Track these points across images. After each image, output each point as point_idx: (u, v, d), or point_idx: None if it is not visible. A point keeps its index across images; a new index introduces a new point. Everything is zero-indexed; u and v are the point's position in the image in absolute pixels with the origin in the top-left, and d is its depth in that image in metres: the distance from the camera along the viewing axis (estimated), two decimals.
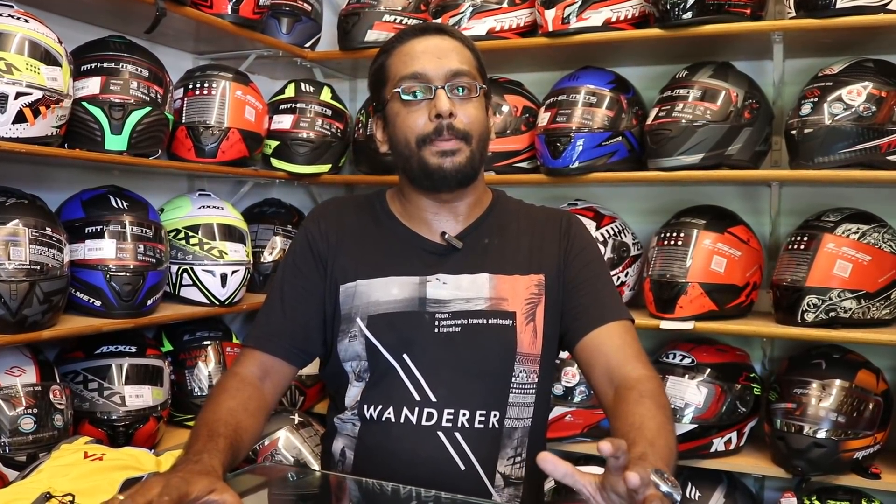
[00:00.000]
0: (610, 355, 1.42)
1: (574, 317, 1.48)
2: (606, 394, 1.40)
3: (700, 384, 2.40)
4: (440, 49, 1.45)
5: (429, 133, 1.41)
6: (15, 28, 1.83)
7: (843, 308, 2.24)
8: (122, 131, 2.10)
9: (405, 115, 1.44)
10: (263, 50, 2.78)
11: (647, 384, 1.35)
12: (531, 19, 2.68)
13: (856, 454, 2.24)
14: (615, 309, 1.48)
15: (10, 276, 1.80)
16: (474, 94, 1.44)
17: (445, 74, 1.42)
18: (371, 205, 1.58)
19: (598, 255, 1.57)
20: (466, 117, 1.43)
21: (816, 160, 2.25)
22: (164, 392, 2.26)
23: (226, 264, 2.43)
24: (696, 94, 2.40)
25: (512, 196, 1.64)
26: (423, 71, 1.43)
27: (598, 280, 1.51)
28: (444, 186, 1.45)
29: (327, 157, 2.83)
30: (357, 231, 1.54)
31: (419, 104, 1.43)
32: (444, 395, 1.44)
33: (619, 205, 2.77)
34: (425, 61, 1.43)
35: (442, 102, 1.40)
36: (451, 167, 1.42)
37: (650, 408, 1.28)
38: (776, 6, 2.59)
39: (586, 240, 1.56)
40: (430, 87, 1.42)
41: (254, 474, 1.45)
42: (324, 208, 1.61)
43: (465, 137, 1.42)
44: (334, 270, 1.50)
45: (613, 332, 1.44)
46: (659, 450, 1.18)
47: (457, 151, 1.42)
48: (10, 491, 1.56)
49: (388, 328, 1.46)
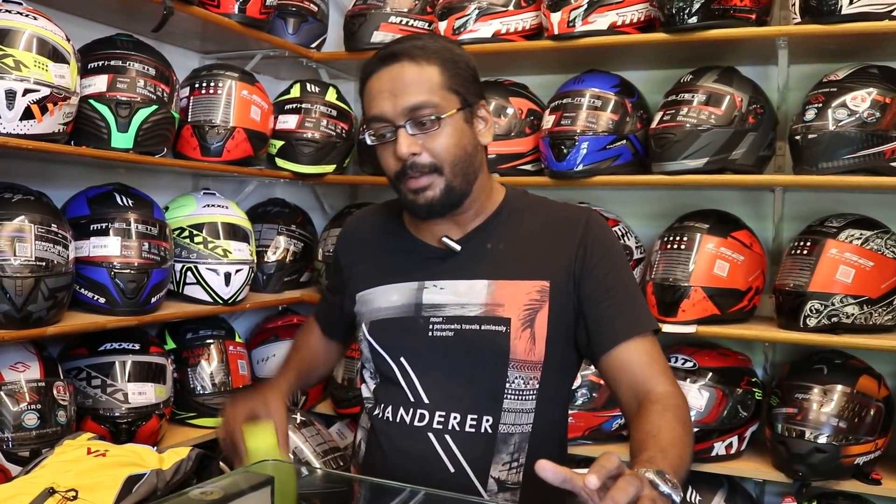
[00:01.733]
0: (636, 372, 1.40)
1: (598, 329, 1.44)
2: (631, 408, 1.39)
3: (702, 388, 2.40)
4: (396, 83, 1.40)
5: (398, 172, 1.41)
6: (24, 25, 1.84)
7: (846, 313, 2.24)
8: (128, 129, 2.11)
9: (380, 153, 1.44)
10: (269, 50, 2.79)
11: (672, 400, 1.35)
12: (537, 22, 2.69)
13: (857, 460, 2.24)
14: (641, 321, 1.45)
15: (15, 271, 1.81)
16: (436, 127, 1.39)
17: (402, 111, 1.38)
18: (389, 213, 1.62)
19: (620, 260, 1.52)
20: (434, 149, 1.39)
21: (820, 165, 2.25)
22: (167, 390, 2.27)
23: (230, 263, 2.44)
24: (701, 98, 2.40)
25: (532, 193, 1.61)
26: (380, 113, 1.40)
27: (622, 288, 1.46)
28: (429, 217, 1.47)
29: (332, 157, 2.83)
30: (371, 241, 1.60)
31: (387, 145, 1.42)
32: (437, 397, 1.45)
33: (622, 208, 2.78)
34: (382, 101, 1.40)
35: (400, 146, 1.38)
36: (424, 203, 1.42)
37: (670, 420, 1.29)
38: (781, 11, 2.59)
39: (606, 245, 1.50)
40: (390, 127, 1.40)
41: (256, 472, 1.46)
42: (348, 226, 1.71)
43: (436, 169, 1.40)
44: (350, 282, 1.60)
45: (640, 347, 1.42)
46: (670, 458, 1.18)
47: (428, 187, 1.41)
48: (14, 486, 1.56)
49: (385, 333, 1.51)
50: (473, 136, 1.45)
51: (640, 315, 1.46)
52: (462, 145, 1.42)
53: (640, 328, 1.43)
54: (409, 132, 1.38)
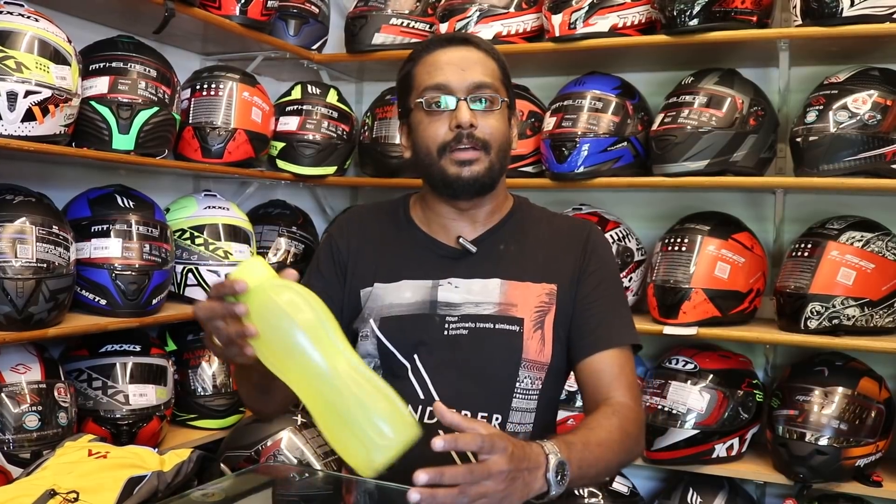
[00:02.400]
0: (603, 381, 1.46)
1: (580, 335, 1.50)
2: (588, 412, 1.46)
3: (702, 390, 2.40)
4: (465, 60, 1.47)
5: (449, 141, 1.44)
6: (25, 27, 1.84)
7: (847, 316, 2.24)
8: (129, 131, 2.11)
9: (427, 124, 1.46)
10: (271, 51, 2.79)
11: (625, 410, 1.40)
12: (538, 24, 2.69)
13: (857, 462, 2.24)
14: (621, 333, 1.50)
15: (16, 273, 1.81)
16: (496, 107, 1.47)
17: (468, 86, 1.45)
18: (395, 210, 1.62)
19: (612, 275, 1.58)
20: (487, 128, 1.45)
21: (821, 168, 2.25)
22: (168, 391, 2.27)
23: (230, 264, 2.44)
24: (702, 100, 2.40)
25: (536, 204, 1.65)
26: (446, 82, 1.45)
27: (608, 300, 1.52)
28: (463, 195, 1.48)
29: (333, 158, 2.83)
30: (378, 237, 1.58)
31: (441, 114, 1.45)
32: (448, 395, 1.45)
33: (623, 210, 2.78)
34: (449, 73, 1.45)
35: (462, 113, 1.43)
36: (469, 176, 1.45)
37: (613, 423, 1.35)
38: (782, 14, 2.59)
39: (604, 258, 1.57)
40: (452, 98, 1.45)
41: (257, 474, 1.46)
42: (350, 215, 1.67)
43: (485, 147, 1.45)
44: (354, 276, 1.55)
45: (614, 359, 1.47)
46: (590, 454, 1.25)
47: (475, 161, 1.45)
48: (15, 488, 1.57)
49: (399, 330, 1.49)
50: (511, 132, 1.54)
51: (620, 327, 1.52)
52: (507, 134, 1.51)
53: (618, 340, 1.49)
54: (469, 107, 1.44)
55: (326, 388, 1.03)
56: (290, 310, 1.04)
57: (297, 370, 1.04)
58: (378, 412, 1.03)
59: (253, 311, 1.06)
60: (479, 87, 1.45)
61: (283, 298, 1.05)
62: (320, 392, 1.04)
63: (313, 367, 1.03)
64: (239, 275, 1.08)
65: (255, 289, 1.06)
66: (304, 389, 1.05)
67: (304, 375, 1.04)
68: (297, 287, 1.08)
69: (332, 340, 1.05)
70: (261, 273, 1.08)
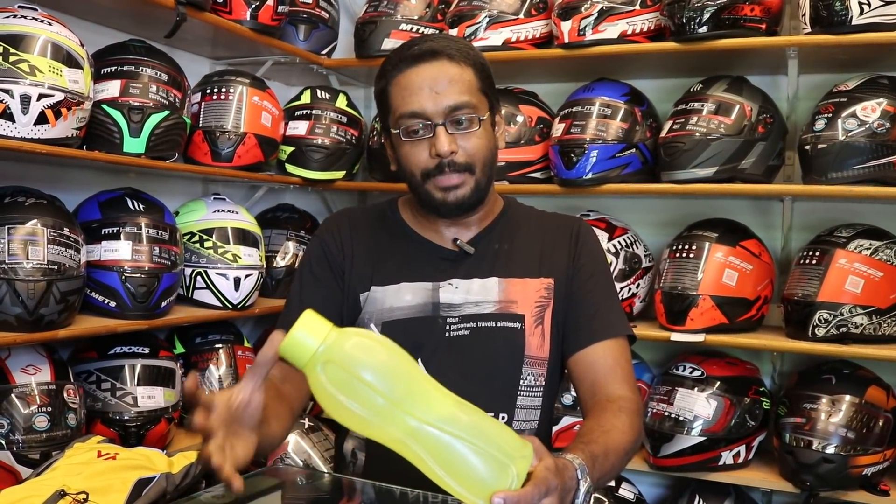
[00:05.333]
0: (599, 373, 1.45)
1: (573, 328, 1.49)
2: (587, 405, 1.45)
3: (709, 397, 2.40)
4: (437, 81, 1.41)
5: (431, 169, 1.42)
6: (38, 31, 1.86)
7: (854, 324, 2.24)
8: (140, 134, 2.13)
9: (408, 150, 1.43)
10: (280, 56, 2.80)
11: (628, 404, 1.39)
12: (547, 30, 2.70)
13: (865, 470, 2.23)
14: (614, 325, 1.50)
15: (27, 275, 1.83)
16: (475, 127, 1.42)
17: (444, 110, 1.40)
18: (383, 214, 1.60)
19: (603, 267, 1.58)
20: (469, 148, 1.42)
21: (829, 175, 2.25)
22: (176, 394, 2.27)
23: (239, 268, 2.45)
24: (711, 107, 2.40)
25: (523, 203, 1.65)
26: (421, 109, 1.40)
27: (600, 292, 1.52)
28: (450, 216, 1.48)
29: (341, 163, 2.84)
30: (370, 240, 1.55)
31: (421, 141, 1.42)
32: None
33: (631, 216, 2.78)
34: (423, 98, 1.40)
35: (441, 143, 1.39)
36: (454, 200, 1.43)
37: (624, 423, 1.34)
38: (791, 21, 2.59)
39: (594, 251, 1.57)
40: (429, 124, 1.41)
41: (265, 476, 1.46)
42: (337, 218, 1.62)
43: (469, 168, 1.42)
44: (352, 280, 1.52)
45: (608, 350, 1.47)
46: (608, 463, 1.23)
47: (460, 185, 1.42)
48: (25, 488, 1.57)
49: (401, 334, 1.46)
50: (496, 139, 1.49)
51: (613, 319, 1.51)
52: (490, 147, 1.46)
53: (611, 331, 1.48)
54: (448, 131, 1.40)
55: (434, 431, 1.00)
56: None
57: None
58: (496, 426, 1.02)
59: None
60: (456, 108, 1.40)
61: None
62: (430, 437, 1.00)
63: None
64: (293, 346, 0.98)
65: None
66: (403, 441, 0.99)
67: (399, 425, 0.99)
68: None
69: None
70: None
